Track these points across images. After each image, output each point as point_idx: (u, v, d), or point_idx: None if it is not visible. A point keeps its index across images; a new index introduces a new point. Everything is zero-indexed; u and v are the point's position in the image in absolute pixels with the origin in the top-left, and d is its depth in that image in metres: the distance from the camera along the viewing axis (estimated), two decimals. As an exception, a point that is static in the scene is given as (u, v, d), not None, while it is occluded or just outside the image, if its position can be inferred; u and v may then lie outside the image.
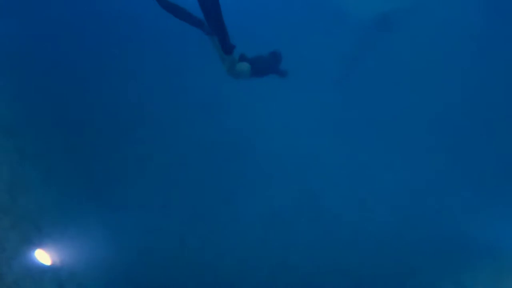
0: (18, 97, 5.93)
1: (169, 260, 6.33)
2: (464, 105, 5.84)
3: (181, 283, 6.32)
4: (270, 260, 6.20)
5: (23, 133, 5.82)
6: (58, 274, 5.14)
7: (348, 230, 6.10)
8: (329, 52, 6.23)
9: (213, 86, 6.59)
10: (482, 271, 5.04)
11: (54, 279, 5.06)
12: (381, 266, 5.66)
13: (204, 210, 6.63)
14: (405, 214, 5.93)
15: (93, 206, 6.24)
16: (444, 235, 5.60)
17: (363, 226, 6.13)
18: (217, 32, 3.64)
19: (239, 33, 4.37)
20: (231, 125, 6.87)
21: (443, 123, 6.01)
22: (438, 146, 6.05)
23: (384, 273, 5.68)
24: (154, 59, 6.80)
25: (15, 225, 4.99)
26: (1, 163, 5.42)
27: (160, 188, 6.74)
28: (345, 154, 6.39)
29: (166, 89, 6.92)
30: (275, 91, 6.44)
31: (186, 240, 6.56)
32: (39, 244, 5.07)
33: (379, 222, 6.03)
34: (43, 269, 4.90)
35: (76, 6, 6.42)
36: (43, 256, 5.01)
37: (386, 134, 6.28)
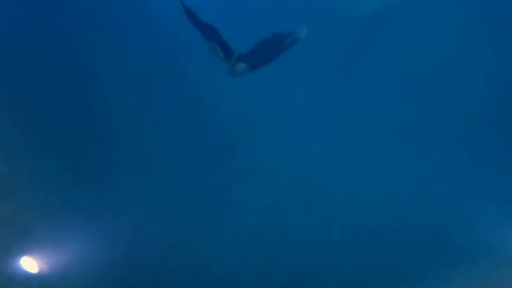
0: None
1: (162, 257, 6.30)
2: (461, 101, 5.92)
3: (174, 279, 6.31)
4: (265, 255, 6.23)
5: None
6: (46, 279, 5.02)
7: (343, 225, 6.16)
8: (325, 48, 6.20)
9: (208, 81, 6.52)
10: (476, 270, 5.11)
11: (42, 285, 4.95)
12: (374, 263, 5.68)
13: (198, 205, 6.57)
14: (400, 211, 5.95)
15: (83, 204, 6.10)
16: (438, 233, 5.59)
17: (358, 221, 6.18)
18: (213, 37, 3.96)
19: (234, 29, 4.62)
20: (226, 119, 6.83)
21: (439, 118, 6.09)
22: (433, 142, 6.09)
23: (377, 270, 5.61)
24: (149, 54, 6.66)
25: (0, 230, 4.84)
26: (-16, 162, 5.23)
27: (153, 184, 6.62)
28: (341, 149, 6.37)
29: (161, 83, 6.78)
30: (270, 85, 6.43)
31: (180, 237, 6.52)
32: (26, 250, 4.94)
33: (374, 218, 6.08)
34: (30, 276, 4.78)
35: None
36: (29, 264, 4.88)
37: (382, 130, 6.17)
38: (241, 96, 6.87)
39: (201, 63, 6.12)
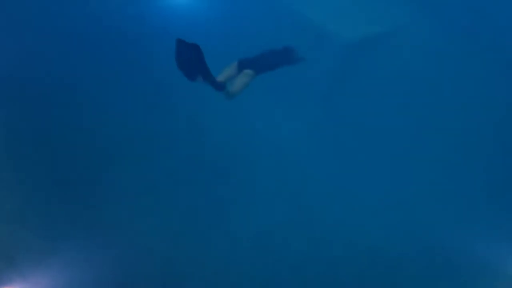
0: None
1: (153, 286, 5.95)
2: (450, 122, 6.39)
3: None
4: (260, 278, 5.95)
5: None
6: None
7: (340, 247, 6.01)
8: (318, 69, 6.49)
9: (200, 103, 6.57)
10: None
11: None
12: (372, 285, 5.75)
13: (192, 229, 6.28)
14: (398, 230, 5.92)
15: (74, 233, 5.83)
16: (437, 251, 5.76)
17: (355, 243, 6.02)
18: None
19: (223, 53, 4.71)
20: (220, 141, 6.78)
21: (430, 138, 6.46)
22: (431, 161, 6.37)
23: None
24: (139, 74, 6.74)
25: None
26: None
27: (145, 210, 6.39)
28: (337, 170, 6.42)
29: (152, 105, 6.77)
30: (265, 106, 6.55)
31: (174, 264, 6.16)
32: (9, 282, 4.54)
33: (371, 240, 5.97)
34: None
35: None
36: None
37: (377, 149, 6.46)
38: (236, 118, 6.98)
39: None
